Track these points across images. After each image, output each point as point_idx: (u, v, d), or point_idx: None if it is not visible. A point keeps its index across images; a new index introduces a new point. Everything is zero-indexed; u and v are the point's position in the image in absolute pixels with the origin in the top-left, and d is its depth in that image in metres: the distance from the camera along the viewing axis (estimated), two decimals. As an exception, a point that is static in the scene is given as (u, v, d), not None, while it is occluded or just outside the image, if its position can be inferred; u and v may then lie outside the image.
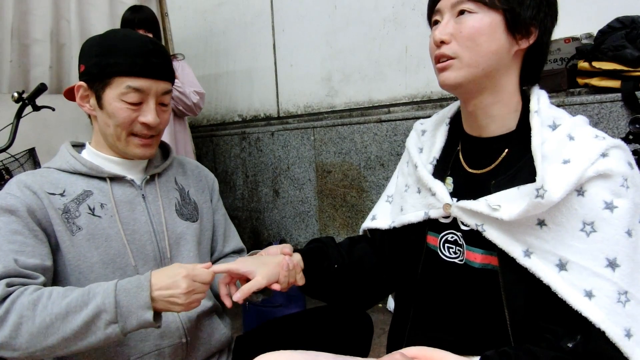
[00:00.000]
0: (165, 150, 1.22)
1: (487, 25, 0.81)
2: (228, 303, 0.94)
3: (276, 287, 0.93)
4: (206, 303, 1.12)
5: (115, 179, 1.07)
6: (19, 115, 2.06)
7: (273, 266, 0.94)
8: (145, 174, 1.12)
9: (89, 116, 1.10)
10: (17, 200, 0.95)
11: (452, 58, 0.84)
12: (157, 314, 0.90)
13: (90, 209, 1.02)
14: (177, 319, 1.05)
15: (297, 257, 1.00)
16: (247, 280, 0.93)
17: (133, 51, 1.00)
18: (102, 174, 1.05)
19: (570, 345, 0.73)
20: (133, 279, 0.91)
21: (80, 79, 1.05)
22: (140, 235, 1.05)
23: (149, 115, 1.03)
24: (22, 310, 0.85)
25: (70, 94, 1.11)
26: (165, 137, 2.51)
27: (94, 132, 1.10)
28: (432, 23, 0.90)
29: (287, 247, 1.01)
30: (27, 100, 2.03)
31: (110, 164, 1.08)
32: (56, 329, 0.85)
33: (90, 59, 1.02)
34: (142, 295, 0.87)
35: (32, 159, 2.15)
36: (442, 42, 0.84)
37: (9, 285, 0.87)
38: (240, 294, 0.88)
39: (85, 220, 1.00)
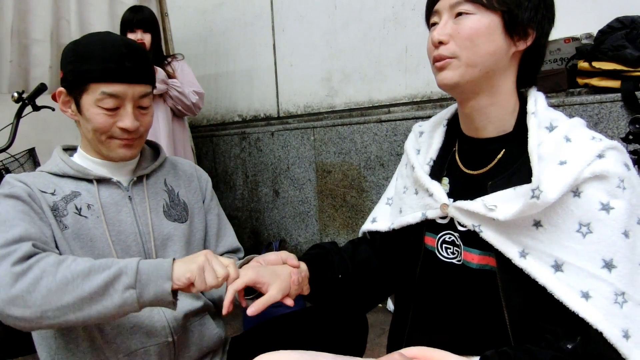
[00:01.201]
0: (156, 151, 1.22)
1: (485, 26, 0.81)
2: (225, 311, 0.90)
3: (288, 302, 0.91)
4: (195, 303, 1.12)
5: (102, 180, 1.08)
6: (19, 115, 2.06)
7: (285, 277, 0.92)
8: (133, 175, 1.13)
9: (76, 120, 1.10)
10: (19, 189, 0.98)
11: (450, 58, 0.84)
12: (174, 295, 0.90)
13: (77, 208, 1.03)
14: (163, 318, 1.05)
15: (304, 267, 0.98)
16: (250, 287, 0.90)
17: (106, 56, 0.99)
18: (88, 176, 1.07)
19: (569, 346, 0.73)
20: (158, 259, 0.93)
21: (61, 84, 1.05)
22: (125, 237, 1.06)
23: (126, 120, 1.03)
24: (46, 266, 0.86)
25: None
26: (164, 137, 2.50)
27: (80, 136, 1.11)
28: (430, 24, 0.90)
29: (292, 258, 0.97)
30: (27, 100, 2.04)
31: (98, 166, 1.10)
32: (75, 286, 0.85)
33: (67, 66, 1.02)
34: (163, 266, 0.89)
35: (32, 159, 2.16)
36: (441, 43, 0.84)
37: (35, 246, 0.90)
38: (254, 308, 0.85)
39: (72, 219, 1.02)
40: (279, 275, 0.91)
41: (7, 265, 0.85)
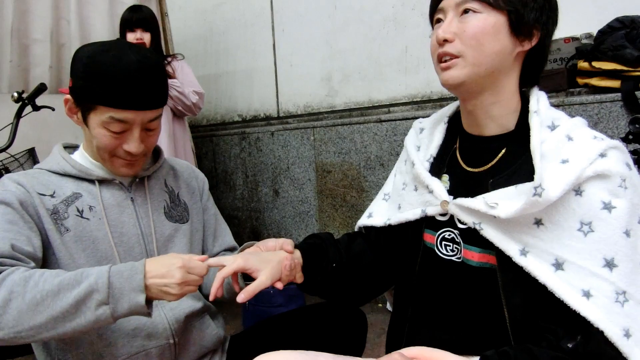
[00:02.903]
0: (155, 152, 1.21)
1: (491, 25, 0.81)
2: (212, 297, 0.89)
3: (279, 285, 0.91)
4: (195, 304, 1.12)
5: (104, 181, 1.07)
6: (19, 115, 2.06)
7: (276, 264, 0.91)
8: (135, 176, 1.12)
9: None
10: (11, 194, 0.96)
11: (455, 57, 0.83)
12: (149, 302, 0.89)
13: (78, 211, 1.02)
14: (164, 320, 1.05)
15: (297, 254, 0.99)
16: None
17: (117, 81, 0.95)
18: (90, 177, 1.05)
19: (570, 345, 0.73)
20: (127, 264, 0.90)
21: (69, 92, 1.03)
22: (128, 238, 1.06)
23: (131, 144, 1.01)
24: (13, 287, 0.83)
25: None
26: (164, 138, 2.50)
27: (84, 137, 1.10)
28: (435, 22, 0.90)
29: (288, 244, 0.98)
30: (27, 100, 2.03)
31: (99, 169, 1.08)
32: (46, 307, 0.83)
33: (77, 80, 0.99)
34: (135, 279, 0.86)
35: (32, 159, 2.15)
36: (445, 41, 0.84)
37: (1, 264, 0.87)
38: (244, 295, 0.85)
39: (73, 222, 1.00)
40: (269, 262, 0.91)
41: None
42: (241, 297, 0.85)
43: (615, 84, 1.86)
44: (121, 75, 0.95)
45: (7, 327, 0.82)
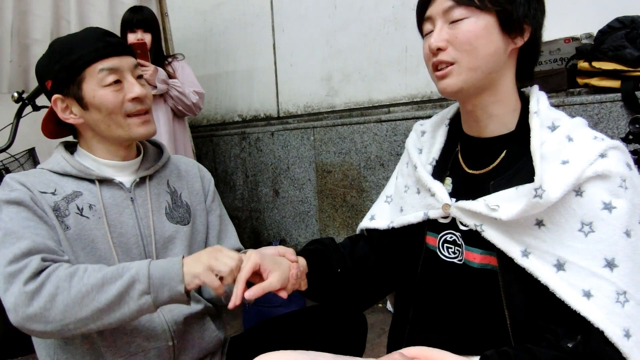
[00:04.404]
0: (159, 150, 1.21)
1: (482, 28, 0.81)
2: (239, 301, 0.87)
3: (283, 294, 0.90)
4: (195, 306, 1.11)
5: (104, 181, 1.07)
6: (19, 115, 2.06)
7: (285, 269, 0.91)
8: (136, 176, 1.11)
9: (72, 134, 1.11)
10: (20, 193, 0.98)
11: (451, 64, 0.83)
12: (187, 294, 0.93)
13: (78, 209, 1.02)
14: (163, 322, 1.05)
15: (302, 262, 0.98)
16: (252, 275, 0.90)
17: (89, 39, 1.03)
18: (90, 176, 1.06)
19: (570, 345, 0.73)
20: (166, 259, 0.95)
21: (53, 92, 1.04)
22: (127, 239, 1.06)
23: (134, 88, 1.04)
24: (59, 282, 0.87)
25: (46, 127, 1.13)
26: (165, 137, 2.50)
27: (82, 141, 1.11)
28: (424, 30, 0.90)
29: (290, 253, 0.96)
30: (27, 100, 2.03)
31: (101, 166, 1.09)
32: (91, 299, 0.87)
33: (54, 67, 1.03)
34: (174, 269, 0.91)
35: (32, 159, 2.15)
36: (439, 49, 0.84)
37: (44, 259, 0.90)
38: (252, 292, 0.84)
39: (74, 219, 1.01)
40: (280, 265, 0.91)
41: (19, 285, 0.87)
42: (249, 294, 0.84)
43: (615, 84, 1.86)
44: (90, 34, 1.05)
45: (55, 321, 0.87)
